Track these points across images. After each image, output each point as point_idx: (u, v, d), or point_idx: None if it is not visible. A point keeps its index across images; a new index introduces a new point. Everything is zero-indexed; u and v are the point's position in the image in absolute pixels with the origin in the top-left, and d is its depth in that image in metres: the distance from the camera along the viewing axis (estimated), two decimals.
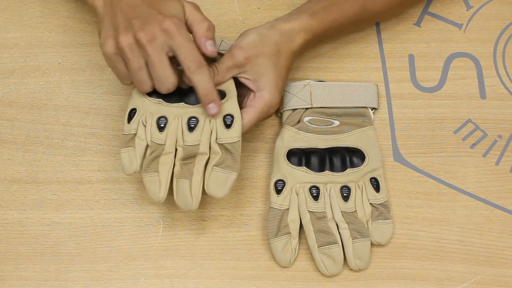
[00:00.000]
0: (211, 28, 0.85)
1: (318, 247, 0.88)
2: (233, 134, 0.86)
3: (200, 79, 0.83)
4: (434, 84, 0.99)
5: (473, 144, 0.96)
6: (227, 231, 0.92)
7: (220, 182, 0.85)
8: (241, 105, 0.89)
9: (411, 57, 1.00)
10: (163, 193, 0.85)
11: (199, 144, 0.86)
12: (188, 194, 0.84)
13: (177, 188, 0.85)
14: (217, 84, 0.87)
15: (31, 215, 0.92)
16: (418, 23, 1.02)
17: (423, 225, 0.92)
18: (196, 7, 0.86)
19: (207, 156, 0.86)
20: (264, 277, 0.90)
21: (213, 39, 0.85)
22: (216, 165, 0.85)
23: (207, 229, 0.92)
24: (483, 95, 0.98)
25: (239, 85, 0.89)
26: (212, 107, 0.85)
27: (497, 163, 0.95)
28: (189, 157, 0.86)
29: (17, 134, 0.96)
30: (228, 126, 0.86)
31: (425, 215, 0.93)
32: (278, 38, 0.89)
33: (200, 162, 0.86)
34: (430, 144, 0.96)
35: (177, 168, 0.86)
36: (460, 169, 0.95)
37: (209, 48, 0.84)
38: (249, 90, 0.89)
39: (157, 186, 0.85)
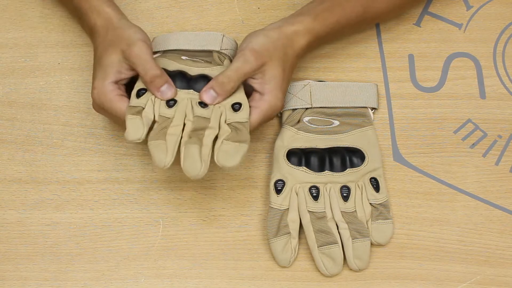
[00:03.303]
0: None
1: (318, 247, 0.88)
2: (242, 116, 0.86)
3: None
4: (434, 84, 0.99)
5: (473, 144, 0.96)
6: (227, 231, 0.92)
7: (231, 152, 0.83)
8: None
9: (411, 57, 1.00)
10: (169, 158, 0.82)
11: (209, 117, 0.85)
12: (197, 157, 0.81)
13: (186, 153, 0.82)
14: (230, 91, 0.87)
15: (31, 215, 0.92)
16: (418, 23, 1.02)
17: (423, 225, 0.92)
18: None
19: (216, 132, 0.84)
20: (264, 277, 0.90)
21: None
22: (226, 139, 0.84)
23: (207, 229, 0.92)
24: (483, 95, 0.98)
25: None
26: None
27: (497, 163, 0.95)
28: (198, 130, 0.85)
29: (17, 134, 0.96)
30: (236, 110, 0.86)
31: (425, 215, 0.93)
32: (285, 42, 0.89)
33: (209, 135, 0.84)
34: (430, 144, 0.96)
35: (184, 139, 0.83)
36: (460, 169, 0.95)
37: None
38: (253, 90, 0.89)
39: (164, 152, 0.82)
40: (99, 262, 0.90)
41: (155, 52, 0.93)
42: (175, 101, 0.86)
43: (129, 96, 0.88)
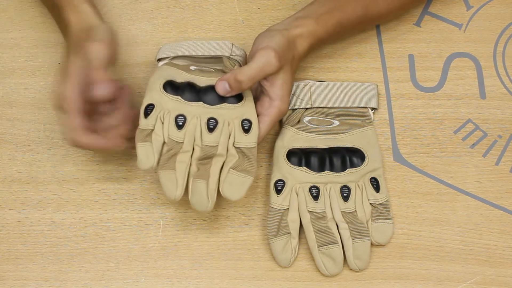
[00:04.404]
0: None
1: (318, 247, 0.88)
2: (251, 140, 0.86)
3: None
4: (434, 84, 0.99)
5: (473, 144, 0.96)
6: (227, 231, 0.92)
7: (236, 185, 0.85)
8: None
9: (411, 57, 1.00)
10: (179, 191, 0.84)
11: (217, 145, 0.86)
12: (204, 195, 0.84)
13: (193, 188, 0.85)
14: (243, 90, 0.87)
15: (31, 215, 0.92)
16: (418, 23, 1.02)
17: (423, 225, 0.92)
18: None
19: (224, 158, 0.86)
20: (264, 277, 0.90)
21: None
22: (232, 168, 0.85)
23: (207, 229, 0.92)
24: (483, 95, 0.98)
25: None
26: None
27: (497, 163, 0.95)
28: (206, 158, 0.86)
29: (17, 134, 0.96)
30: (246, 131, 0.86)
31: (425, 215, 0.93)
32: (291, 45, 0.89)
33: (217, 163, 0.86)
34: (430, 144, 0.96)
35: (193, 168, 0.86)
36: (460, 169, 0.95)
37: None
38: (262, 94, 0.89)
39: (174, 184, 0.85)
40: (99, 262, 0.90)
41: (162, 59, 0.93)
42: (184, 119, 0.86)
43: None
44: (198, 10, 1.02)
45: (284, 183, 0.91)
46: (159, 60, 0.94)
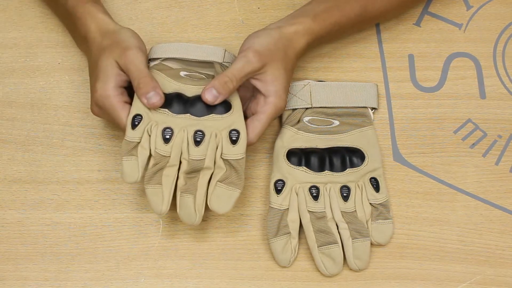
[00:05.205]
0: None
1: (318, 247, 0.88)
2: (238, 151, 0.86)
3: None
4: (434, 84, 0.99)
5: (473, 144, 0.96)
6: (227, 231, 0.92)
7: (223, 198, 0.85)
8: (244, 108, 0.89)
9: (411, 57, 1.00)
10: (165, 206, 0.85)
11: (204, 158, 0.86)
12: (192, 209, 0.85)
13: (181, 203, 0.85)
14: (232, 91, 0.87)
15: (31, 215, 0.92)
16: (418, 23, 1.02)
17: (423, 225, 0.92)
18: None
19: (212, 171, 0.86)
20: (264, 277, 0.90)
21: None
22: (220, 181, 0.85)
23: (207, 229, 0.92)
24: (483, 95, 0.98)
25: (241, 87, 0.89)
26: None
27: (497, 163, 0.95)
28: (193, 171, 0.86)
29: (17, 134, 0.96)
30: (233, 142, 0.86)
31: (425, 215, 0.93)
32: (285, 42, 0.89)
33: (204, 176, 0.85)
34: (430, 144, 0.96)
35: (180, 181, 0.85)
36: (460, 169, 0.95)
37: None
38: (257, 93, 0.89)
39: (160, 198, 0.85)
40: (99, 262, 0.90)
41: (153, 59, 0.92)
42: (171, 132, 0.86)
43: (130, 101, 0.88)
44: (198, 10, 1.02)
45: (284, 183, 0.91)
46: (150, 60, 0.93)
